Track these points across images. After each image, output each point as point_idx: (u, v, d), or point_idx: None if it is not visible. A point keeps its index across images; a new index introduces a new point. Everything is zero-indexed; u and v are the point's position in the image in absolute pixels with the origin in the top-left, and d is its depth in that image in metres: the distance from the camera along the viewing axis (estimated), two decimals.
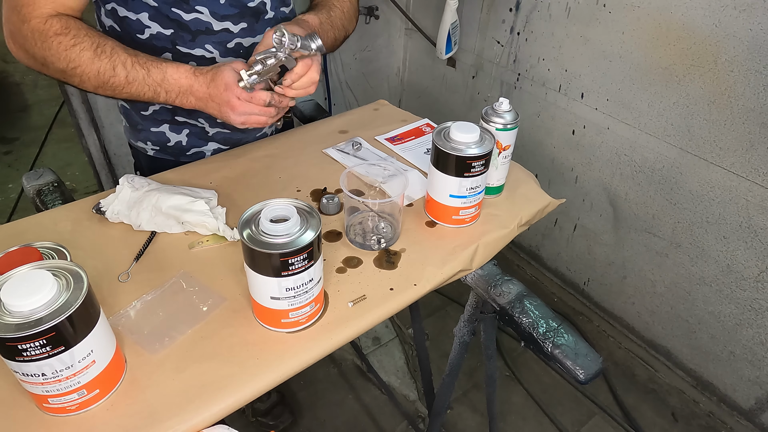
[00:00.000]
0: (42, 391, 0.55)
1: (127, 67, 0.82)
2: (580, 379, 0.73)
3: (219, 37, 0.94)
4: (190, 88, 0.85)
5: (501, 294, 0.83)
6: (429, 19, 2.17)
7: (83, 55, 0.80)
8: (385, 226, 0.86)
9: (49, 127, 3.14)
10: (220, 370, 0.64)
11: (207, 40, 0.94)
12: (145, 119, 1.04)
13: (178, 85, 0.85)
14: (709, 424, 1.68)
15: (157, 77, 0.84)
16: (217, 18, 0.93)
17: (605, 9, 1.56)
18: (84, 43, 0.80)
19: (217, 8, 0.92)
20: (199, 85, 0.85)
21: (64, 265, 0.57)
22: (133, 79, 0.83)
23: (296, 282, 0.63)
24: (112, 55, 0.81)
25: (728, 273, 1.53)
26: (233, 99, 0.85)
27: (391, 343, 1.93)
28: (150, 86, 0.84)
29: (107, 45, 0.82)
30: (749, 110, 1.34)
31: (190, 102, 0.87)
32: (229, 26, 0.94)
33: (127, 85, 0.83)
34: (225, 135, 1.08)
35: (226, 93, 0.84)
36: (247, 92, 0.85)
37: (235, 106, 0.85)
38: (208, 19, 0.92)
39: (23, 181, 1.02)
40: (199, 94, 0.86)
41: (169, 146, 1.06)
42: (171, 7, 0.89)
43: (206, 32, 0.93)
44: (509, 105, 0.89)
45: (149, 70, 0.83)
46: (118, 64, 0.81)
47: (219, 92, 0.85)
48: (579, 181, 1.86)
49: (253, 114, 0.88)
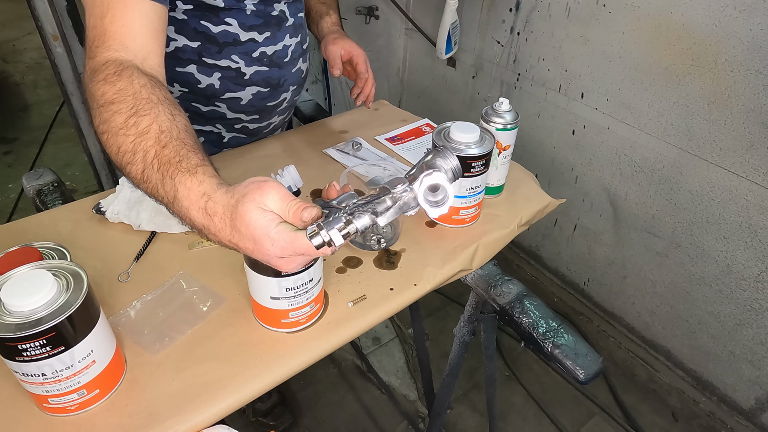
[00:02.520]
0: (42, 391, 0.55)
1: (147, 160, 0.60)
2: (580, 379, 0.73)
3: (245, 48, 0.94)
4: (203, 229, 0.59)
5: (501, 294, 0.83)
6: (429, 19, 2.17)
7: (114, 120, 0.62)
8: (385, 226, 0.86)
9: (49, 127, 3.15)
10: (220, 370, 0.63)
11: (233, 51, 0.94)
12: None
13: (190, 219, 0.59)
14: (709, 424, 1.68)
15: (169, 193, 0.60)
16: (245, 29, 0.93)
17: (605, 9, 1.56)
18: (123, 103, 0.62)
19: (245, 19, 0.92)
20: (215, 228, 0.58)
21: (64, 265, 0.57)
22: (147, 178, 0.61)
23: (296, 282, 0.63)
24: (141, 135, 0.61)
25: (728, 273, 1.53)
26: (264, 253, 0.56)
27: (391, 343, 1.93)
28: (162, 198, 0.61)
29: (145, 116, 0.61)
30: (749, 110, 1.34)
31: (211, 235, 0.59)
32: (254, 36, 0.94)
33: (143, 182, 0.62)
34: (240, 140, 1.09)
35: (256, 250, 0.56)
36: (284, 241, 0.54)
37: (271, 258, 0.57)
38: (236, 30, 0.92)
39: (23, 181, 1.02)
40: (218, 236, 0.58)
41: None
42: (200, 20, 0.89)
43: (233, 43, 0.93)
44: (509, 105, 0.89)
45: (164, 180, 0.60)
46: (139, 152, 0.61)
47: (245, 242, 0.57)
48: (579, 181, 1.86)
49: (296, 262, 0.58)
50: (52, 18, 1.72)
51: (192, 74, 0.94)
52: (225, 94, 0.97)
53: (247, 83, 0.98)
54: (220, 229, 0.58)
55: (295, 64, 1.04)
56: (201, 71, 0.94)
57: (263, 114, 1.05)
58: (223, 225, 0.57)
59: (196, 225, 0.59)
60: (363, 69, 1.08)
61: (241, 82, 0.97)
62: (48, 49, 1.78)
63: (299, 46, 1.04)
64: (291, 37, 1.01)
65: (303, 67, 1.08)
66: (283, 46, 0.99)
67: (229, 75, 0.95)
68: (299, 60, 1.06)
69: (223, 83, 0.96)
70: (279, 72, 1.01)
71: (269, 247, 0.55)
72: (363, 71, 1.08)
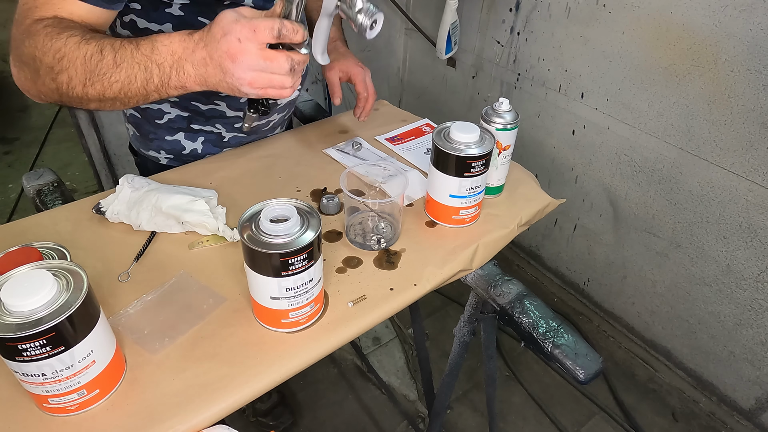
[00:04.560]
0: (42, 391, 0.55)
1: (115, 47, 0.68)
2: (580, 379, 0.73)
3: None
4: (185, 52, 0.67)
5: (501, 294, 0.83)
6: (429, 19, 2.17)
7: (69, 41, 0.68)
8: (385, 226, 0.86)
9: (49, 127, 3.15)
10: (220, 370, 0.63)
11: None
12: (159, 128, 1.03)
13: (170, 51, 0.67)
14: (709, 424, 1.68)
15: (146, 49, 0.68)
16: None
17: (605, 9, 1.56)
18: (73, 31, 0.69)
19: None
20: (194, 45, 0.67)
21: (64, 265, 0.57)
22: (121, 59, 0.68)
23: (296, 282, 0.63)
24: (101, 39, 0.69)
25: (728, 273, 1.53)
26: (233, 43, 0.63)
27: (391, 343, 1.93)
28: (140, 64, 0.68)
29: (97, 35, 0.70)
30: (749, 110, 1.34)
31: (189, 74, 0.68)
32: None
33: (116, 69, 0.68)
34: (240, 139, 1.08)
35: (224, 39, 0.64)
36: (258, 25, 0.63)
37: (235, 54, 0.64)
38: None
39: (23, 181, 1.02)
40: (196, 56, 0.67)
41: (184, 154, 1.06)
42: (197, 16, 0.88)
43: None
44: (509, 105, 0.89)
45: (138, 45, 0.68)
46: (106, 46, 0.68)
47: (216, 43, 0.64)
48: (579, 181, 1.86)
49: (266, 71, 0.66)
50: None
51: None
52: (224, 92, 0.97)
53: None
54: (196, 40, 0.66)
55: None
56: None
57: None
58: (200, 35, 0.66)
59: (176, 53, 0.67)
60: (362, 89, 1.07)
61: None
62: None
63: None
64: None
65: None
66: None
67: None
68: None
69: None
70: None
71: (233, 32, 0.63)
72: (362, 91, 1.07)
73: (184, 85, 0.69)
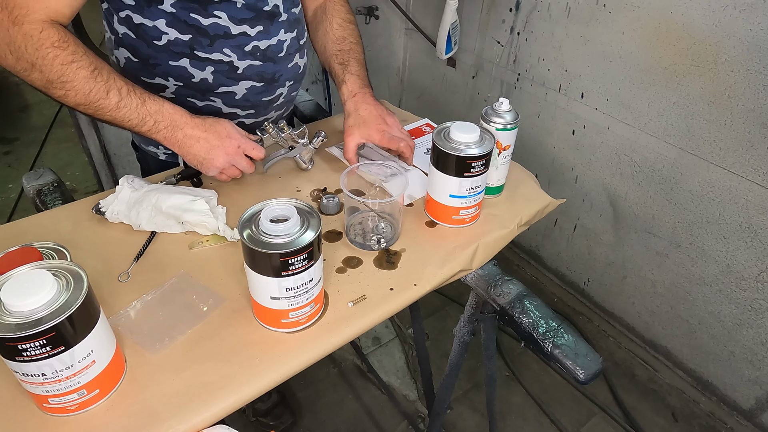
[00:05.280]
0: (42, 391, 0.55)
1: (122, 94, 0.82)
2: (580, 379, 0.73)
3: (237, 41, 0.94)
4: (185, 125, 0.87)
5: (501, 294, 0.83)
6: (429, 19, 2.17)
7: (79, 73, 0.79)
8: (385, 226, 0.86)
9: (49, 127, 3.15)
10: (220, 370, 0.64)
11: (225, 44, 0.94)
12: None
13: (171, 118, 0.86)
14: (709, 424, 1.68)
15: (152, 108, 0.84)
16: (235, 22, 0.93)
17: (605, 9, 1.56)
18: (82, 62, 0.79)
19: (235, 12, 0.92)
20: (195, 125, 0.87)
21: (64, 265, 0.57)
22: (124, 105, 0.83)
23: (296, 282, 0.63)
24: (108, 80, 0.81)
25: (728, 273, 1.53)
26: (232, 146, 0.89)
27: (391, 343, 1.93)
28: (140, 115, 0.84)
29: (104, 69, 0.82)
30: (749, 110, 1.34)
31: (176, 137, 0.87)
32: (246, 30, 0.94)
33: (116, 110, 0.82)
34: None
35: (227, 140, 0.89)
36: (246, 143, 0.91)
37: (229, 153, 0.89)
38: (226, 23, 0.92)
39: (23, 181, 1.02)
40: (192, 132, 0.87)
41: None
42: (189, 12, 0.89)
43: (224, 36, 0.93)
44: (509, 105, 0.89)
45: (144, 101, 0.84)
46: (112, 89, 0.81)
47: (218, 137, 0.89)
48: (579, 181, 1.86)
49: (238, 165, 0.91)
50: None
51: (185, 68, 0.94)
52: (219, 88, 0.98)
53: (241, 77, 0.98)
54: (197, 123, 0.88)
55: (290, 59, 1.04)
56: (194, 65, 0.94)
57: (259, 109, 1.06)
58: (201, 122, 0.88)
59: (175, 121, 0.86)
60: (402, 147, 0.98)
61: (234, 76, 0.97)
62: None
63: (295, 41, 1.04)
64: (286, 33, 1.01)
65: (300, 62, 1.08)
66: (278, 41, 0.99)
67: (222, 69, 0.95)
68: (295, 55, 1.06)
69: (217, 77, 0.96)
70: (273, 67, 1.01)
71: (235, 138, 0.90)
72: (403, 149, 0.98)
73: (163, 140, 0.87)
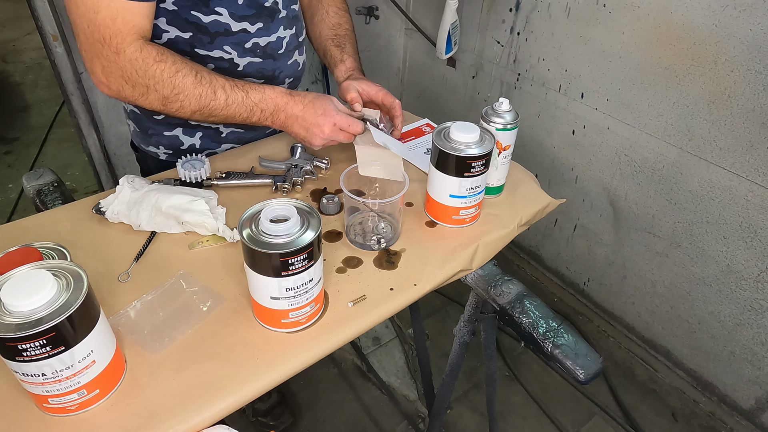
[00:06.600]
0: (42, 391, 0.55)
1: (227, 90, 0.88)
2: (580, 379, 0.73)
3: (237, 38, 0.95)
4: (285, 106, 0.92)
5: (501, 294, 0.83)
6: (429, 19, 2.17)
7: (186, 81, 0.84)
8: (385, 226, 0.87)
9: (49, 127, 3.16)
10: (220, 370, 0.64)
11: (225, 42, 0.94)
12: (158, 123, 1.03)
13: (274, 103, 0.91)
14: (709, 424, 1.68)
15: (255, 98, 0.90)
16: (236, 19, 0.93)
17: (605, 9, 1.56)
18: (184, 69, 0.85)
19: (236, 9, 0.92)
20: (294, 104, 0.92)
21: (64, 265, 0.57)
22: (232, 101, 0.88)
23: (296, 282, 0.63)
24: (211, 81, 0.87)
25: (728, 273, 1.53)
26: (328, 125, 0.92)
27: (391, 343, 1.93)
28: (247, 107, 0.90)
29: (203, 71, 0.87)
30: (749, 110, 1.34)
31: (280, 119, 0.93)
32: (246, 26, 0.95)
33: (226, 108, 0.88)
34: (238, 135, 1.09)
35: (323, 117, 0.92)
36: (342, 120, 0.93)
37: (326, 132, 0.93)
38: (227, 20, 0.92)
39: (23, 181, 1.02)
40: (292, 111, 0.92)
41: (183, 149, 1.06)
42: (190, 10, 0.89)
43: (225, 33, 0.93)
44: (509, 105, 0.89)
45: (247, 92, 0.89)
46: (218, 89, 0.87)
47: (315, 115, 0.92)
48: (579, 181, 1.86)
49: (337, 139, 0.95)
50: (52, 18, 1.72)
51: None
52: None
53: (241, 74, 0.98)
54: (297, 102, 0.92)
55: (290, 56, 1.05)
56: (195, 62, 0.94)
57: None
58: (301, 100, 0.93)
59: (278, 105, 0.92)
60: (388, 99, 1.04)
61: (235, 73, 0.97)
62: (48, 49, 1.78)
63: (294, 38, 1.04)
64: (285, 29, 1.01)
65: (299, 59, 1.08)
66: (277, 37, 1.00)
67: (223, 66, 0.96)
68: (295, 52, 1.06)
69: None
70: (273, 63, 1.01)
71: (332, 116, 0.93)
72: (390, 101, 1.04)
73: (272, 125, 0.94)
